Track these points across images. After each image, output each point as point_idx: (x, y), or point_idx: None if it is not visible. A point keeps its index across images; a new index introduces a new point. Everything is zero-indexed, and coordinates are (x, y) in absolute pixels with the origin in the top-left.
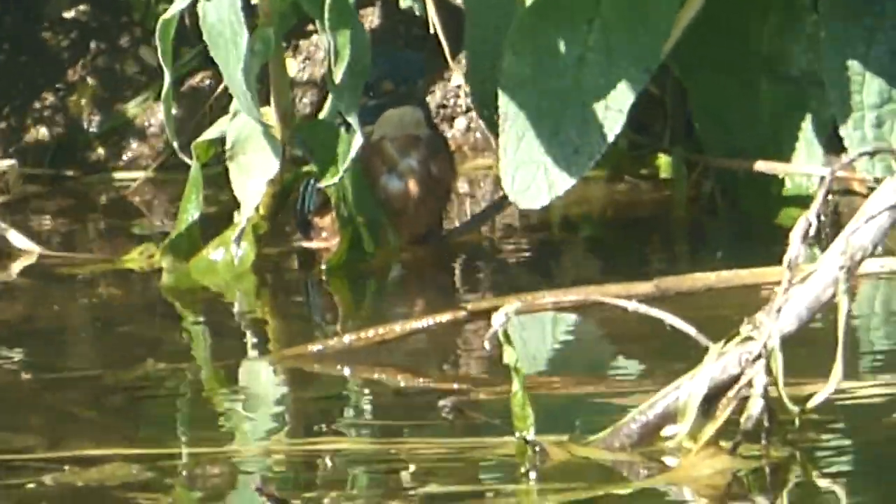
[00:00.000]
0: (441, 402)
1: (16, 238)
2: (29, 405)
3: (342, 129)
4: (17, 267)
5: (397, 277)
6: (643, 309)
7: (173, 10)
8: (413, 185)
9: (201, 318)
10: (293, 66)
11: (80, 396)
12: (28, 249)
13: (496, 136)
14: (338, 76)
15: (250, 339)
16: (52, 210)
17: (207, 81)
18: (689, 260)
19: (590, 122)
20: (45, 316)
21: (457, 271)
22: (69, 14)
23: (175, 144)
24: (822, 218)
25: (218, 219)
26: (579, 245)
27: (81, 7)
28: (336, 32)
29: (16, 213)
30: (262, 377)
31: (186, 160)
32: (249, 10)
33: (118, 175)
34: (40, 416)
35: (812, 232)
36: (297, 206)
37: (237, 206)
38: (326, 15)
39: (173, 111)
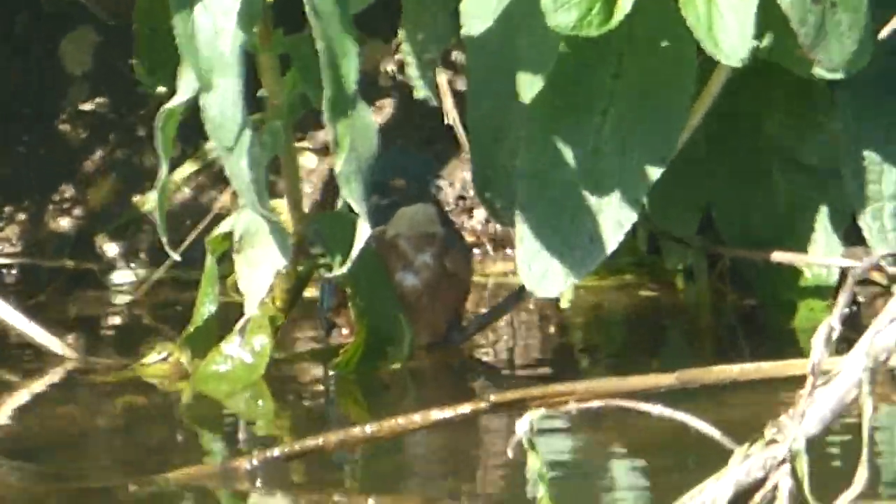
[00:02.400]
0: None
1: (51, 342)
2: None
3: (353, 220)
4: (55, 374)
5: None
6: (668, 413)
7: (174, 102)
8: (428, 281)
9: (215, 427)
10: (313, 158)
11: None
12: (68, 356)
13: (498, 220)
14: (337, 166)
15: (261, 445)
16: (70, 311)
17: None
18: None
19: (606, 211)
20: (67, 425)
21: (473, 369)
22: (86, 106)
23: (164, 240)
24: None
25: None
26: (597, 344)
27: (98, 99)
28: (336, 122)
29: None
30: (276, 485)
31: (173, 255)
32: (256, 103)
33: (126, 276)
34: None
35: (835, 336)
36: (318, 305)
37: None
38: (325, 105)
39: (177, 206)
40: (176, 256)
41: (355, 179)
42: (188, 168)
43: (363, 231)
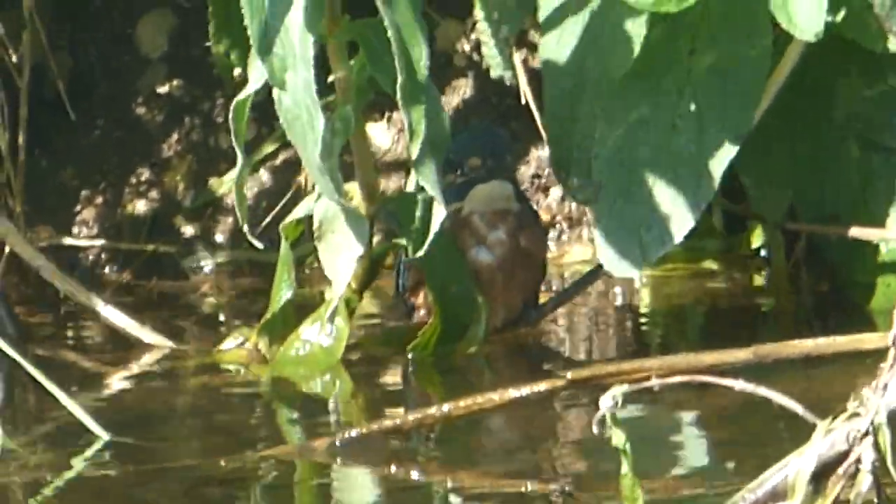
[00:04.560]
0: (552, 487)
1: (144, 333)
2: (124, 499)
3: (427, 202)
4: (146, 360)
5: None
6: (750, 388)
7: (246, 92)
8: (502, 258)
9: (295, 409)
10: (386, 139)
11: (176, 488)
12: (157, 344)
13: (575, 199)
14: (414, 152)
15: (341, 426)
16: (149, 295)
17: None
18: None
19: (682, 189)
20: (149, 408)
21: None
22: (162, 89)
23: (245, 229)
24: None
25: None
26: (673, 327)
27: (175, 82)
28: (410, 108)
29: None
30: (356, 463)
31: (256, 243)
32: (326, 87)
33: (203, 259)
34: None
35: None
36: (395, 286)
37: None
38: (399, 92)
39: (253, 189)
40: (259, 244)
41: (430, 163)
42: (263, 151)
43: (439, 214)
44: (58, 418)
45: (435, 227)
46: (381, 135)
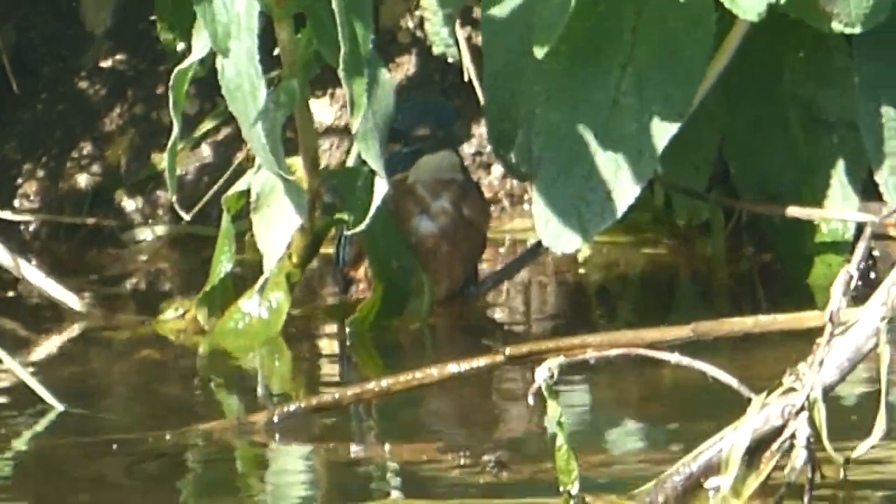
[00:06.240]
0: (485, 458)
1: (69, 299)
2: (65, 472)
3: (370, 176)
4: (69, 330)
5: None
6: (686, 361)
7: (188, 62)
8: (445, 227)
9: (233, 382)
10: (328, 114)
11: (117, 463)
12: (85, 312)
13: (514, 176)
14: (354, 125)
15: (278, 400)
16: (88, 268)
17: None
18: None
19: (623, 166)
20: (86, 380)
21: (490, 326)
22: (106, 63)
23: (174, 199)
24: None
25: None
26: (613, 300)
27: (118, 56)
28: (352, 81)
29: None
30: (294, 438)
31: (183, 215)
32: (272, 61)
33: (144, 233)
34: (75, 485)
35: (853, 285)
36: (334, 261)
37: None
38: (341, 65)
39: (194, 164)
40: (187, 217)
41: (372, 137)
42: (205, 126)
43: (381, 189)
44: None
45: (377, 201)
46: (324, 111)
